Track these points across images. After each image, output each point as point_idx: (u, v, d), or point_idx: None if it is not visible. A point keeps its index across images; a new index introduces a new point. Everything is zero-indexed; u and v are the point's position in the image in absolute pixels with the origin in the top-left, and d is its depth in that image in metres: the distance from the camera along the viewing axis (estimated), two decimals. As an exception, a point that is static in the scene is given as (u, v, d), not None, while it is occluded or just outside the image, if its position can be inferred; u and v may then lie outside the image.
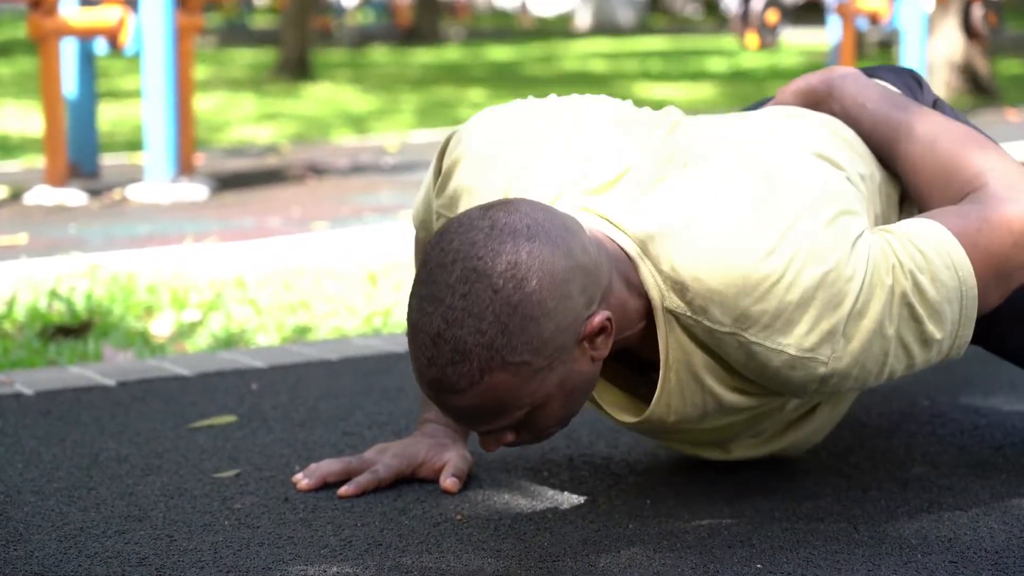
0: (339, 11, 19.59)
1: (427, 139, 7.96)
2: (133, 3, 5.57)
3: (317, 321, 3.43)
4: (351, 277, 3.92)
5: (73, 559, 1.79)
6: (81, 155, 5.83)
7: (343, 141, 8.02)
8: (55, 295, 3.56)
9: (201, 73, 12.21)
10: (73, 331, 3.25)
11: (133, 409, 2.48)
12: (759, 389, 1.80)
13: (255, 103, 10.40)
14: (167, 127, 5.62)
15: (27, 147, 7.52)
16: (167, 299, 3.60)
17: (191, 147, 5.88)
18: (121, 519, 1.94)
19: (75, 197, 5.48)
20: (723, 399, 1.80)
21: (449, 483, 2.03)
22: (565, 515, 1.94)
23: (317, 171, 6.52)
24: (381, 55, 16.27)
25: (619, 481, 2.08)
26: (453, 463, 2.06)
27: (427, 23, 19.30)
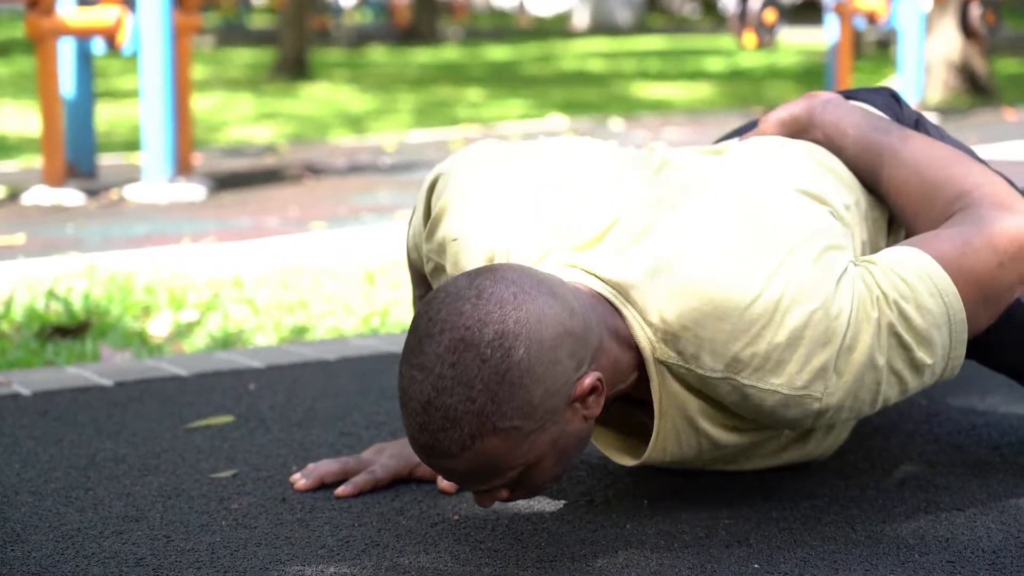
0: (337, 11, 19.61)
1: (425, 139, 7.96)
2: (131, 3, 5.57)
3: (315, 321, 3.43)
4: (349, 277, 3.92)
5: (70, 559, 1.79)
6: (79, 155, 5.83)
7: (341, 141, 8.02)
8: (52, 295, 3.56)
9: (199, 73, 12.20)
10: (70, 331, 3.25)
11: (130, 409, 2.48)
12: (754, 425, 1.82)
13: (253, 103, 10.40)
14: (165, 127, 5.61)
15: (24, 147, 7.52)
16: (164, 299, 3.60)
17: (189, 147, 5.88)
18: (118, 519, 1.94)
19: (72, 197, 5.48)
20: (718, 440, 1.83)
21: (446, 484, 2.03)
22: (562, 515, 1.94)
23: (315, 171, 6.52)
24: (379, 55, 16.27)
25: (616, 481, 2.08)
26: (450, 464, 2.06)
27: (425, 23, 19.31)
